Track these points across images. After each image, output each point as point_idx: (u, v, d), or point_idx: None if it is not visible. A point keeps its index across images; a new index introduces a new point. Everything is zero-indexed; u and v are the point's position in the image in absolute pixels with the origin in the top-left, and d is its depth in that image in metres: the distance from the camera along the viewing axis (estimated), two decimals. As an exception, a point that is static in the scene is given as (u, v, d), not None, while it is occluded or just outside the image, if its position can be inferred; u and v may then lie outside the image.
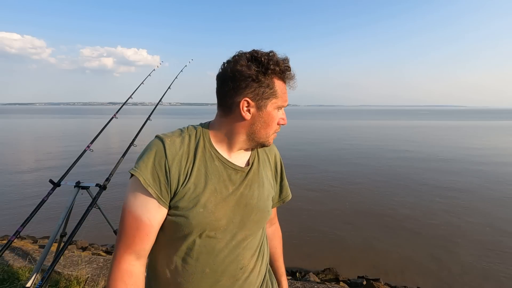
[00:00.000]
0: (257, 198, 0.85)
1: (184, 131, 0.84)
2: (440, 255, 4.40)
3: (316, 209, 6.17)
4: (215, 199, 0.78)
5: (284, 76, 0.82)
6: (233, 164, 0.84)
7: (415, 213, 5.97)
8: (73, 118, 52.15)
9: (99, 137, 2.36)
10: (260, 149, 0.94)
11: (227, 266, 0.81)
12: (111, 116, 2.62)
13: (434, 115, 79.26)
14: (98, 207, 2.00)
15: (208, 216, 0.77)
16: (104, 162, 9.89)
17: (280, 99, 0.82)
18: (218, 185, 0.80)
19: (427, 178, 8.65)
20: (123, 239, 0.75)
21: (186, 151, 0.80)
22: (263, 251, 0.94)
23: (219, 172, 0.81)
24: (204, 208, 0.77)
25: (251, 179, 0.86)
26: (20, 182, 8.24)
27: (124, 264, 0.74)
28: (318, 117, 60.45)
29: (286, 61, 0.81)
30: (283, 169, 1.01)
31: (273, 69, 0.78)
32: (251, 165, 0.88)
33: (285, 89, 0.84)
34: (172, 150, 0.78)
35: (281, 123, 0.85)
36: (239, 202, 0.82)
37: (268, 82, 0.79)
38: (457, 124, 37.15)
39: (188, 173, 0.78)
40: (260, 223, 0.87)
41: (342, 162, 11.16)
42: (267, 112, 0.81)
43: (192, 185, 0.77)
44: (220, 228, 0.79)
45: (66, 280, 2.48)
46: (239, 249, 0.83)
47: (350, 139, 19.22)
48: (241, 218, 0.82)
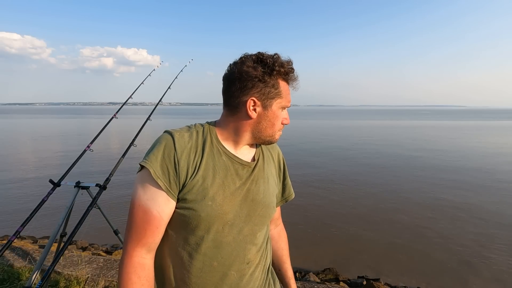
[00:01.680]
0: (263, 193, 0.88)
1: (191, 127, 0.87)
2: (440, 255, 4.40)
3: (316, 209, 6.17)
4: (223, 192, 0.80)
5: (288, 78, 0.86)
6: (240, 159, 0.86)
7: (415, 213, 5.97)
8: (73, 118, 52.15)
9: (99, 137, 2.35)
10: (264, 147, 0.96)
11: (234, 260, 0.83)
12: (111, 116, 2.62)
13: (436, 115, 79.27)
14: (98, 207, 2.00)
15: (217, 209, 0.79)
16: (104, 162, 9.89)
17: (285, 99, 0.86)
18: (226, 179, 0.82)
19: (431, 178, 8.65)
20: (133, 233, 0.76)
21: (194, 145, 0.82)
22: (268, 249, 0.96)
23: (227, 166, 0.83)
24: (213, 201, 0.78)
25: (257, 175, 0.89)
26: (20, 182, 8.24)
27: (136, 257, 0.75)
28: (318, 117, 60.41)
29: (290, 63, 0.85)
30: (286, 167, 1.03)
31: (278, 70, 0.82)
32: (257, 161, 0.91)
33: (288, 90, 0.87)
34: (181, 143, 0.80)
35: (284, 122, 0.89)
36: (246, 197, 0.84)
37: (273, 83, 0.83)
38: (461, 124, 37.10)
39: (196, 166, 0.79)
40: (265, 218, 0.89)
41: (344, 161, 11.16)
42: (272, 111, 0.84)
43: (200, 178, 0.79)
44: (228, 222, 0.81)
45: (66, 280, 2.48)
46: (245, 244, 0.85)
47: (350, 139, 19.22)
48: (248, 213, 0.84)
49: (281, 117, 0.87)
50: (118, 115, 2.66)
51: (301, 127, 30.23)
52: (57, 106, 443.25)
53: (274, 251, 1.08)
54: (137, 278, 0.74)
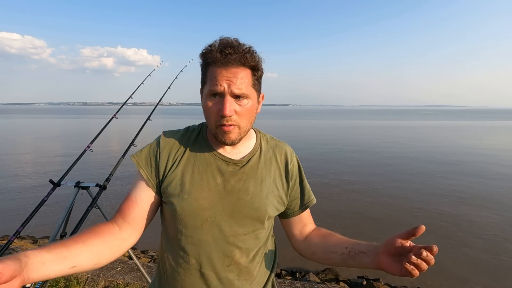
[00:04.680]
0: (252, 194, 0.83)
1: (189, 127, 0.93)
2: (441, 255, 4.38)
3: (317, 208, 6.16)
4: (200, 187, 0.81)
5: (208, 58, 0.77)
6: (223, 156, 0.85)
7: (416, 213, 5.97)
8: (73, 118, 52.14)
9: (99, 137, 2.35)
10: (267, 146, 0.92)
11: (212, 260, 0.80)
12: (111, 116, 2.62)
13: (437, 115, 79.20)
14: (98, 207, 2.00)
15: (192, 203, 0.79)
16: (104, 162, 9.88)
17: (209, 84, 0.77)
18: (205, 175, 0.83)
19: (435, 177, 8.63)
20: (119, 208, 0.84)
21: (180, 142, 0.87)
22: (266, 260, 0.90)
23: (208, 162, 0.84)
24: (189, 195, 0.80)
25: (248, 174, 0.85)
26: (20, 182, 8.23)
27: (111, 220, 0.82)
28: (320, 117, 60.41)
29: (215, 42, 0.78)
30: (300, 171, 0.95)
31: (201, 54, 0.80)
32: (249, 160, 0.87)
33: (216, 72, 0.76)
34: (165, 140, 0.87)
35: (220, 113, 0.77)
36: (229, 195, 0.82)
37: (203, 69, 0.81)
38: (466, 124, 37.08)
39: (177, 160, 0.84)
40: (253, 221, 0.83)
41: (347, 161, 11.15)
42: (204, 101, 0.81)
43: (179, 172, 0.82)
44: (207, 220, 0.80)
45: (66, 280, 2.48)
46: (226, 244, 0.81)
47: (349, 138, 19.22)
48: (231, 212, 0.81)
49: (214, 107, 0.77)
50: (118, 115, 2.66)
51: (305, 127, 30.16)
52: (57, 106, 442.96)
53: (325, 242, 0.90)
54: (90, 228, 0.77)
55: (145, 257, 4.04)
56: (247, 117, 0.81)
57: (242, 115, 0.79)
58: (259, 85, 0.84)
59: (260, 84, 0.85)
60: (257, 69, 0.80)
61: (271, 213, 0.86)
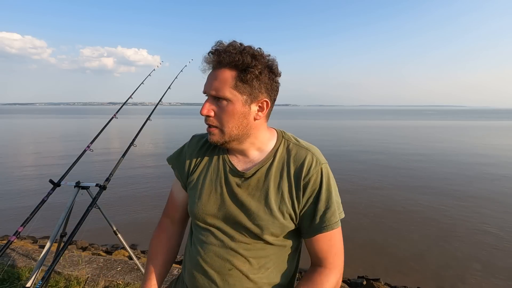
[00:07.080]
0: (255, 206, 0.81)
1: None
2: (441, 255, 4.39)
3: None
4: (209, 193, 0.86)
5: (205, 62, 0.82)
6: (232, 165, 0.87)
7: (416, 213, 5.96)
8: (73, 118, 52.12)
9: (99, 137, 2.36)
10: (283, 155, 0.84)
11: (215, 262, 0.84)
12: (111, 116, 2.62)
13: (439, 115, 79.09)
14: (98, 207, 2.00)
15: (201, 207, 0.86)
16: (104, 162, 9.88)
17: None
18: (215, 182, 0.87)
19: (436, 179, 8.63)
20: (165, 206, 1.03)
21: (203, 147, 0.93)
22: (281, 275, 0.86)
23: (219, 170, 0.88)
24: (199, 199, 0.86)
25: (252, 187, 0.83)
26: (20, 182, 8.23)
27: (162, 223, 1.01)
28: (320, 117, 60.40)
29: (212, 48, 0.80)
30: (322, 187, 0.80)
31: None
32: (255, 172, 0.83)
33: (209, 75, 0.81)
34: (191, 145, 0.95)
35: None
36: (233, 205, 0.83)
37: None
38: (470, 124, 37.05)
39: (197, 165, 0.91)
40: (255, 233, 0.80)
41: (348, 160, 11.15)
42: None
43: (196, 176, 0.90)
44: (212, 225, 0.85)
45: (66, 280, 2.48)
46: (229, 250, 0.82)
47: (349, 138, 19.21)
48: (234, 222, 0.83)
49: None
50: (118, 115, 2.66)
51: (303, 127, 30.16)
52: (57, 106, 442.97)
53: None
54: (156, 237, 0.99)
55: (145, 257, 4.04)
56: (229, 120, 0.78)
57: (222, 117, 0.79)
58: (250, 88, 0.77)
59: (256, 88, 0.78)
60: (246, 70, 0.75)
61: (274, 230, 0.80)
